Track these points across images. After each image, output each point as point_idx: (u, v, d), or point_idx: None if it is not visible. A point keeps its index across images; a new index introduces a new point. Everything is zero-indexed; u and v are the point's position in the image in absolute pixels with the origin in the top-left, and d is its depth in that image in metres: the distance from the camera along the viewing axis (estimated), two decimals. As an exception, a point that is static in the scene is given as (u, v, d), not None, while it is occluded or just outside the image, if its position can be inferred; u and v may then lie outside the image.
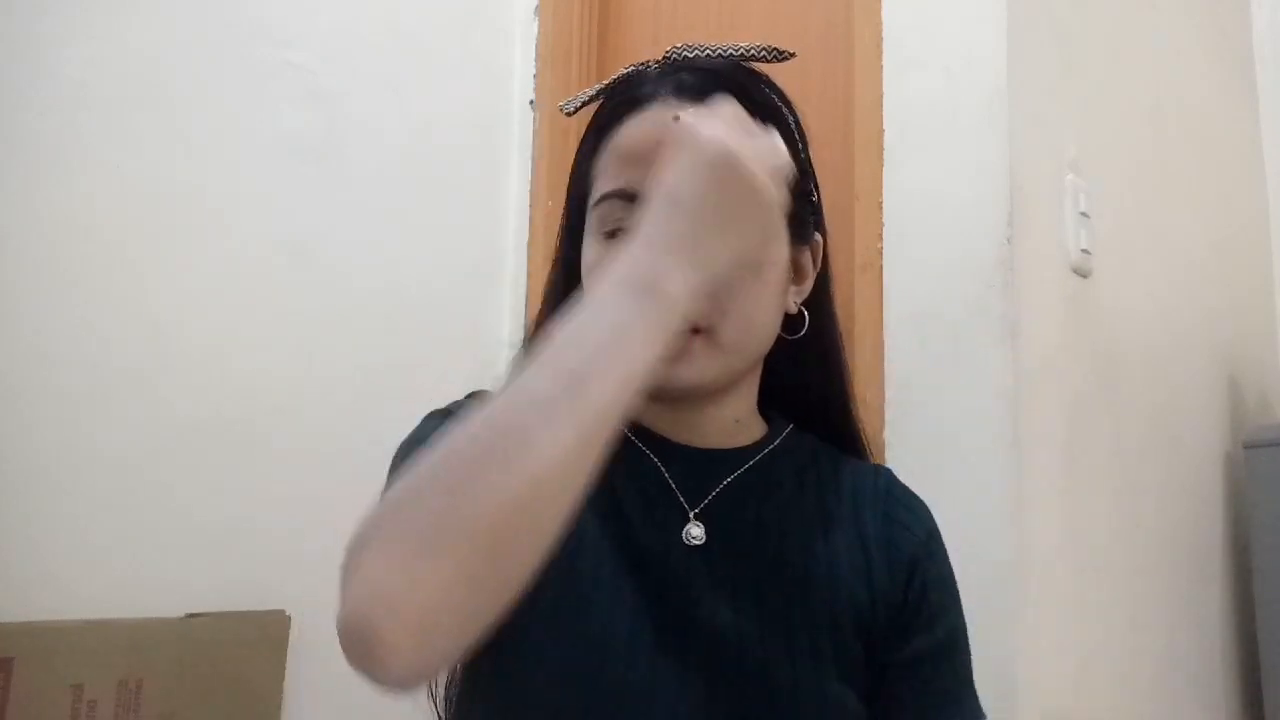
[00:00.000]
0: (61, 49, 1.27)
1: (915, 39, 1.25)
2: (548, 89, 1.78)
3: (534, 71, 1.81)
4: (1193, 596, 1.57)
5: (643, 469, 0.76)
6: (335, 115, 1.53)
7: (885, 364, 1.21)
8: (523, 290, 1.74)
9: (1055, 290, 1.24)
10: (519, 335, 1.72)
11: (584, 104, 0.81)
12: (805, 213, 0.79)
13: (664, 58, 0.78)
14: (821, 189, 0.82)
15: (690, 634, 0.70)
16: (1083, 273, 1.29)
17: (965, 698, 0.78)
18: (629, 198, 0.71)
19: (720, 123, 0.62)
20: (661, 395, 0.71)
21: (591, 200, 0.76)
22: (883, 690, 0.74)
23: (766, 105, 0.77)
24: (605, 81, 0.79)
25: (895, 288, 1.20)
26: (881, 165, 1.24)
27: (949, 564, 0.81)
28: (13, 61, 1.24)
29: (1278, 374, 1.96)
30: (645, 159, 0.70)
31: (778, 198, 0.62)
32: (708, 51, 0.77)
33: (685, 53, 0.77)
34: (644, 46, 1.76)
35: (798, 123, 0.80)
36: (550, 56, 1.79)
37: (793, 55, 0.79)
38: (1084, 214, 1.29)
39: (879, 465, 0.86)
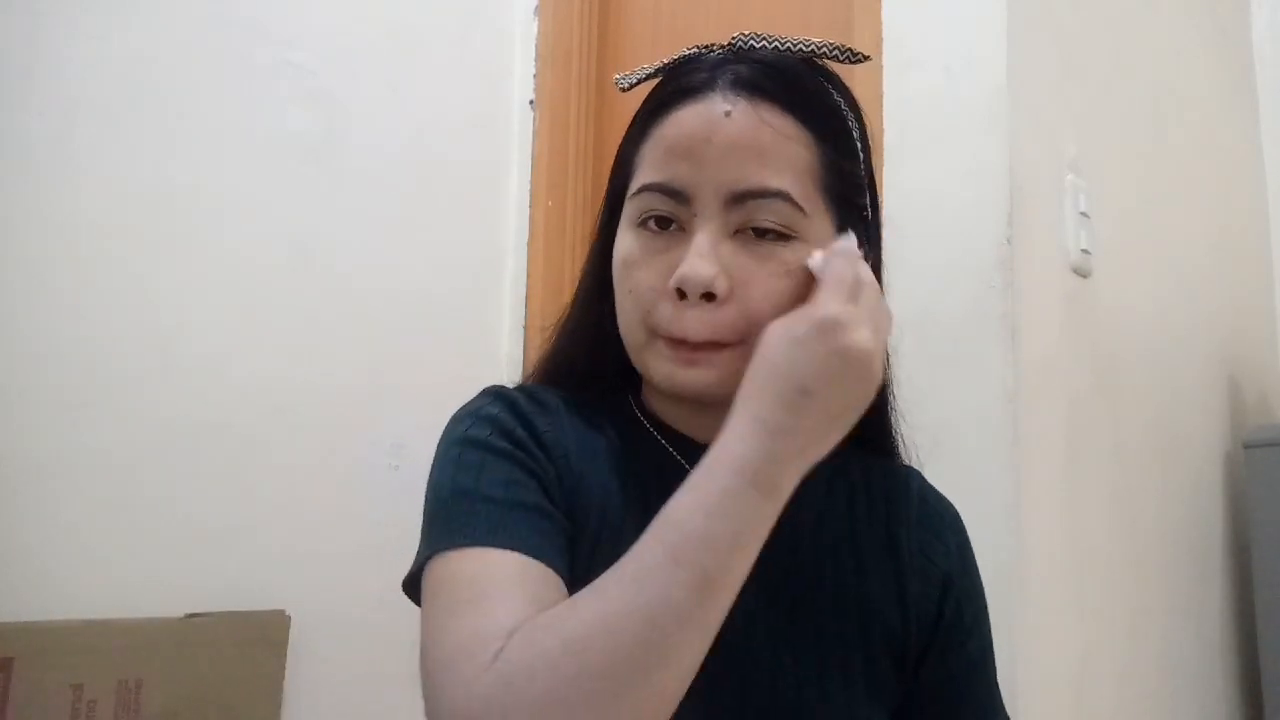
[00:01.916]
0: (60, 50, 1.27)
1: (915, 39, 1.24)
2: (548, 89, 1.78)
3: (534, 71, 1.81)
4: (1193, 596, 1.57)
5: (676, 478, 0.71)
6: (335, 115, 1.53)
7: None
8: (523, 290, 1.74)
9: (1055, 290, 1.24)
10: (519, 334, 1.72)
11: (641, 81, 0.76)
12: (857, 227, 0.74)
13: (729, 43, 0.73)
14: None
15: (719, 656, 0.66)
16: (1083, 273, 1.29)
17: (996, 710, 0.77)
18: (670, 193, 0.68)
19: (868, 326, 0.61)
20: (684, 399, 0.70)
21: (631, 188, 0.71)
22: (913, 708, 0.73)
23: (830, 110, 0.73)
24: (666, 60, 0.74)
25: (895, 288, 1.18)
26: (881, 165, 1.24)
27: (978, 574, 0.79)
28: (12, 62, 1.24)
29: (1278, 374, 1.96)
30: (691, 153, 0.67)
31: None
32: (776, 43, 0.72)
33: (753, 42, 0.72)
34: (644, 46, 1.76)
35: (863, 130, 0.76)
36: (550, 56, 1.79)
37: (867, 58, 0.75)
38: (1084, 214, 1.29)
39: (908, 467, 0.82)
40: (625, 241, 0.71)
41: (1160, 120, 1.64)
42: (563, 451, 0.71)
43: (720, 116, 0.68)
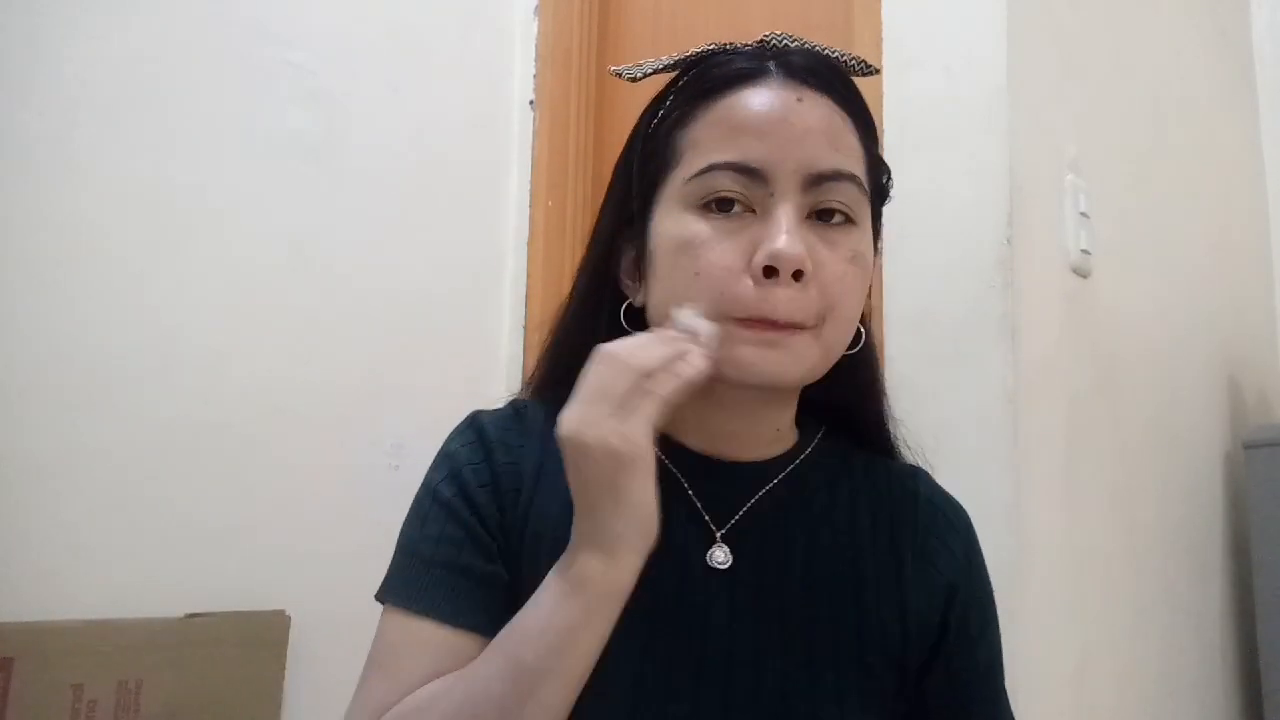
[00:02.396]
0: (61, 49, 1.27)
1: (915, 39, 1.24)
2: (548, 89, 1.78)
3: (534, 71, 1.81)
4: (1193, 596, 1.57)
5: (667, 485, 0.69)
6: (335, 115, 1.53)
7: (885, 364, 1.20)
8: (522, 290, 1.74)
9: (1055, 290, 1.24)
10: (519, 334, 1.72)
11: (655, 72, 0.75)
12: (878, 223, 0.75)
13: (760, 41, 0.73)
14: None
15: (705, 667, 0.68)
16: (1083, 273, 1.29)
17: (1004, 718, 0.77)
18: (746, 171, 0.67)
19: (578, 404, 0.61)
20: (746, 386, 0.69)
21: (690, 170, 0.69)
22: (919, 716, 0.73)
23: (868, 109, 0.74)
24: (678, 54, 0.74)
25: (895, 288, 1.20)
26: (881, 165, 1.24)
27: (987, 578, 0.78)
28: (12, 61, 1.24)
29: (1278, 374, 1.96)
30: (766, 133, 0.67)
31: (635, 443, 0.60)
32: (806, 44, 0.73)
33: (787, 41, 0.73)
34: (644, 46, 1.76)
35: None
36: (550, 56, 1.79)
37: (877, 71, 0.78)
38: (1084, 214, 1.29)
39: (916, 468, 0.82)
40: (683, 223, 0.69)
41: (1160, 120, 1.64)
42: (515, 485, 0.72)
43: (794, 100, 0.68)
